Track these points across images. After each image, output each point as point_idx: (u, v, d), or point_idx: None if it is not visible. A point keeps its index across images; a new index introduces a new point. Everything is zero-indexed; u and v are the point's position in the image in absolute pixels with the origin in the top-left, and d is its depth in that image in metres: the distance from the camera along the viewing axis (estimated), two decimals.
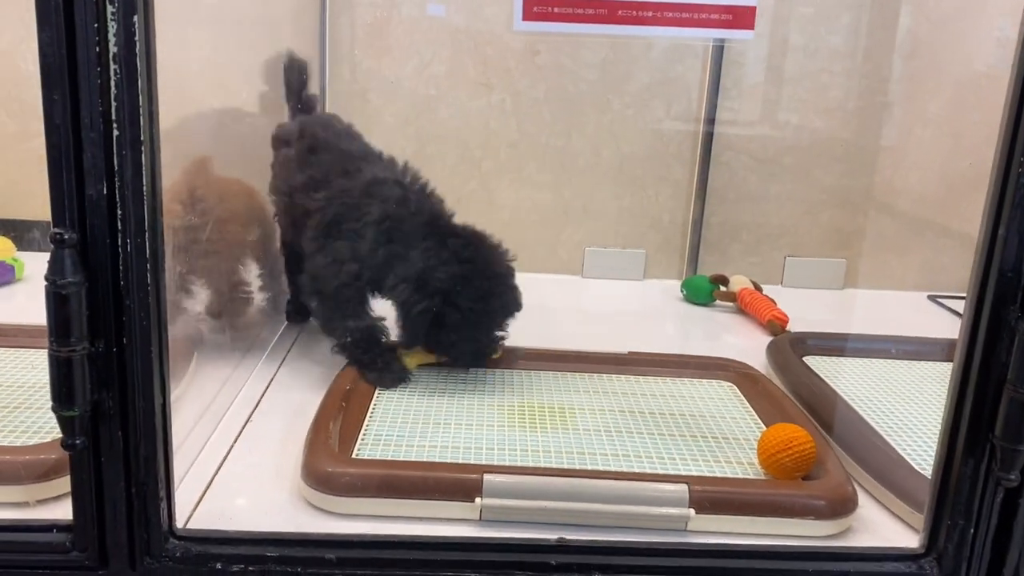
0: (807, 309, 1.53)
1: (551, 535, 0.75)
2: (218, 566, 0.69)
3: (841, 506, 0.80)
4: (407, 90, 1.56)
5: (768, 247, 1.66)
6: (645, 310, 1.56)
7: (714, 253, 1.66)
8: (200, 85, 1.17)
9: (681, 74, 1.59)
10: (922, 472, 0.88)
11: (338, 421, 0.92)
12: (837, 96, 1.60)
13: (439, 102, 1.58)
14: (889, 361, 1.22)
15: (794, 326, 1.38)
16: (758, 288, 1.50)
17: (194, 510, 0.79)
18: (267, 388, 1.07)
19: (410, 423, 0.95)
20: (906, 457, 0.92)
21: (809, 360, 1.19)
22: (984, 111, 1.56)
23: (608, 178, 1.63)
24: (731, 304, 1.51)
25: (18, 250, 1.45)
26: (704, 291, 1.53)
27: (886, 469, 0.89)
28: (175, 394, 0.97)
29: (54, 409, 0.63)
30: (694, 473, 0.87)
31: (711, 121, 1.59)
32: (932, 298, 1.60)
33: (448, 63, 1.56)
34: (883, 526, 0.84)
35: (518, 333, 1.15)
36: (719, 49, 1.56)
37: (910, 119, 1.63)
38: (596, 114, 1.60)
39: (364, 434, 0.92)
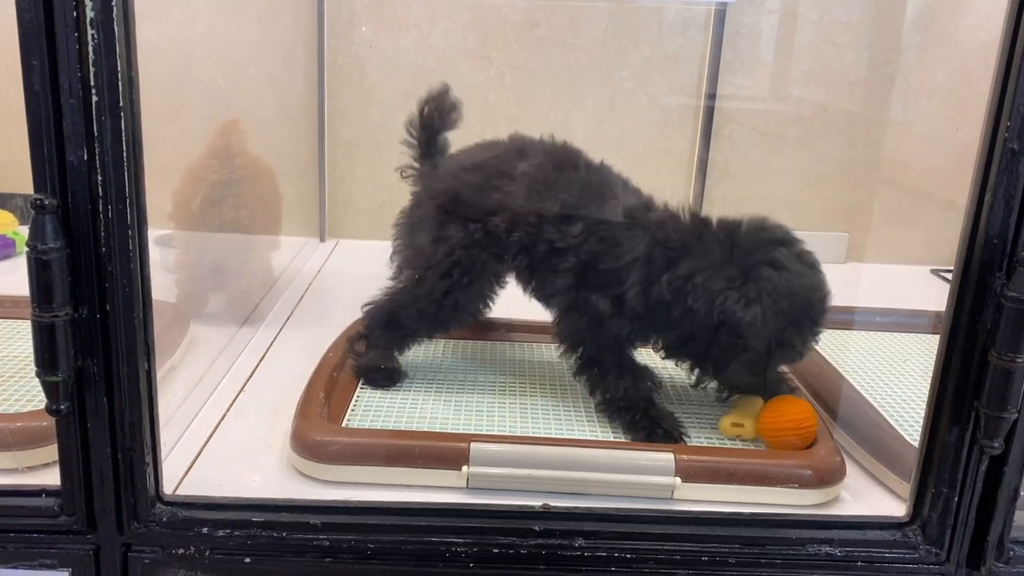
0: None
1: (537, 502, 0.75)
2: (204, 531, 0.70)
3: (828, 475, 0.80)
4: (406, 63, 1.55)
5: None
6: None
7: None
8: (200, 59, 1.17)
9: (682, 47, 1.57)
10: (912, 443, 0.87)
11: (329, 391, 0.92)
12: (841, 67, 1.58)
13: (438, 75, 1.56)
14: (886, 333, 1.21)
15: None
16: None
17: (184, 477, 0.80)
18: (263, 358, 1.08)
19: (401, 393, 0.96)
20: (899, 428, 0.92)
21: None
22: (990, 81, 1.54)
23: (609, 152, 1.60)
24: None
25: (20, 224, 1.47)
26: None
27: (876, 440, 0.88)
28: (170, 363, 0.99)
29: (38, 374, 0.64)
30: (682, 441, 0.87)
31: (713, 94, 1.58)
32: (935, 272, 1.59)
33: (447, 35, 1.55)
34: (872, 496, 0.84)
35: (514, 305, 1.15)
36: (720, 21, 1.54)
37: (915, 90, 1.61)
38: (596, 88, 1.59)
39: (355, 403, 0.92)
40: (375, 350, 0.98)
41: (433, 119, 1.03)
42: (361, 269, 1.05)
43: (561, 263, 0.92)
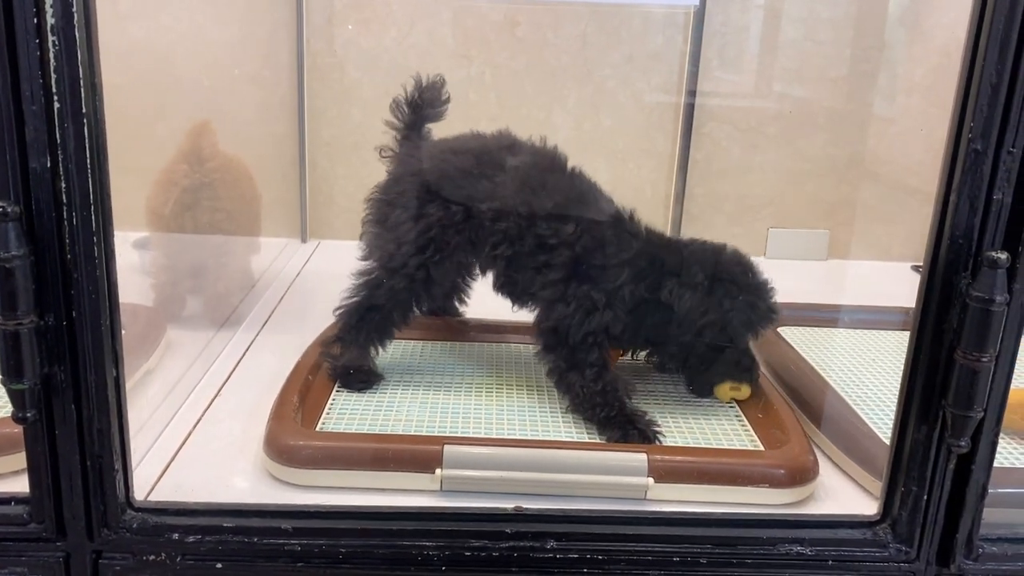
0: (790, 280, 1.52)
1: (511, 504, 0.75)
2: (175, 537, 0.70)
3: (800, 474, 0.81)
4: (386, 62, 1.55)
5: (751, 218, 1.65)
6: None
7: (697, 225, 1.65)
8: (180, 59, 1.16)
9: (663, 45, 1.57)
10: (886, 441, 0.87)
11: (304, 394, 0.92)
12: (821, 65, 1.59)
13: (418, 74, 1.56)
14: (864, 331, 1.21)
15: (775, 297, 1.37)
16: None
17: (157, 482, 0.80)
18: (239, 362, 1.08)
19: (376, 395, 0.96)
20: (873, 427, 0.92)
21: (784, 331, 1.19)
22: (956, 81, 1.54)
23: (590, 151, 1.62)
24: None
25: None
26: None
27: (849, 438, 0.89)
28: (145, 368, 0.98)
29: (3, 382, 0.63)
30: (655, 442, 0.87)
31: (693, 92, 1.58)
32: (915, 268, 1.59)
33: (427, 35, 1.55)
34: (845, 494, 0.84)
35: (491, 306, 1.15)
36: (700, 19, 1.54)
37: (895, 87, 1.62)
38: (577, 87, 1.59)
39: (330, 407, 0.92)
40: (350, 352, 0.98)
41: (425, 106, 1.05)
42: (343, 269, 1.05)
43: (552, 258, 0.95)
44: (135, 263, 1.15)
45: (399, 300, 0.98)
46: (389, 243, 0.98)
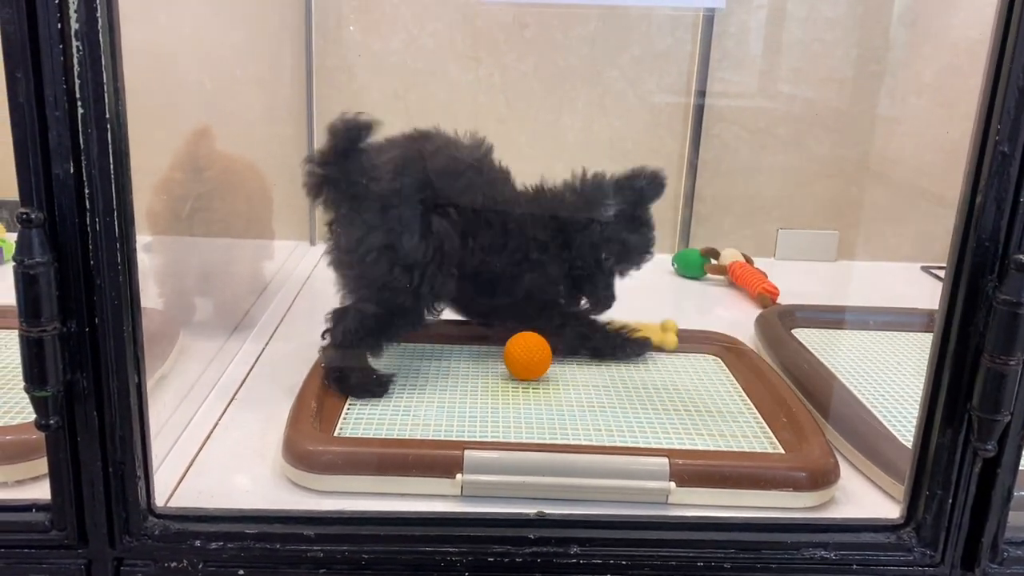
0: (800, 282, 1.53)
1: (532, 509, 0.75)
2: (197, 543, 0.70)
3: (822, 478, 0.80)
4: (395, 64, 1.55)
5: (761, 219, 1.65)
6: (636, 284, 1.55)
7: (706, 226, 1.64)
8: (187, 61, 1.16)
9: (672, 46, 1.57)
10: (906, 444, 0.87)
11: (321, 400, 0.92)
12: (830, 65, 1.58)
13: (427, 76, 1.56)
14: (878, 333, 1.21)
15: (786, 299, 1.37)
16: (749, 261, 1.50)
17: (176, 489, 0.80)
18: (253, 367, 1.07)
19: (393, 400, 0.95)
20: (892, 429, 0.92)
21: (798, 332, 1.19)
22: (979, 78, 1.54)
23: (599, 152, 1.62)
24: (722, 277, 1.50)
25: (8, 231, 1.46)
26: (695, 264, 1.52)
27: (870, 441, 0.88)
28: (160, 373, 0.98)
29: (26, 389, 0.63)
30: (676, 446, 0.87)
31: (702, 93, 1.57)
32: (925, 269, 1.59)
33: (436, 37, 1.55)
34: (867, 498, 0.84)
35: None
36: (710, 20, 1.54)
37: (904, 87, 1.62)
38: (586, 88, 1.59)
39: (347, 412, 0.92)
40: (356, 365, 0.98)
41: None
42: None
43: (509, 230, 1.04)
44: (147, 267, 1.14)
45: (410, 318, 1.00)
46: (395, 266, 0.98)
